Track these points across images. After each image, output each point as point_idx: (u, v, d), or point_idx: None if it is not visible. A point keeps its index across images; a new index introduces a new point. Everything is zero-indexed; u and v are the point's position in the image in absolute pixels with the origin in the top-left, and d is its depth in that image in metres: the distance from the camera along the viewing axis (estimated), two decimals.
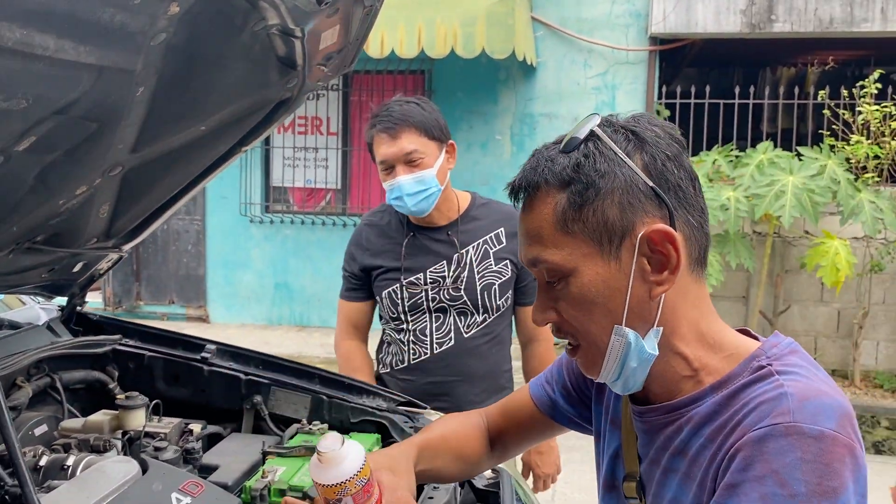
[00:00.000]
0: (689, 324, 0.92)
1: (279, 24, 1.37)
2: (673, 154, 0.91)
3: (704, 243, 0.93)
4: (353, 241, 2.25)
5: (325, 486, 0.96)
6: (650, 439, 0.97)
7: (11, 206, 1.37)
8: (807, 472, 0.78)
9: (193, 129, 1.53)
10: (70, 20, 1.00)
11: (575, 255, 0.89)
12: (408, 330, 2.16)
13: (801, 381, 0.85)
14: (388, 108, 2.06)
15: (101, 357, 1.87)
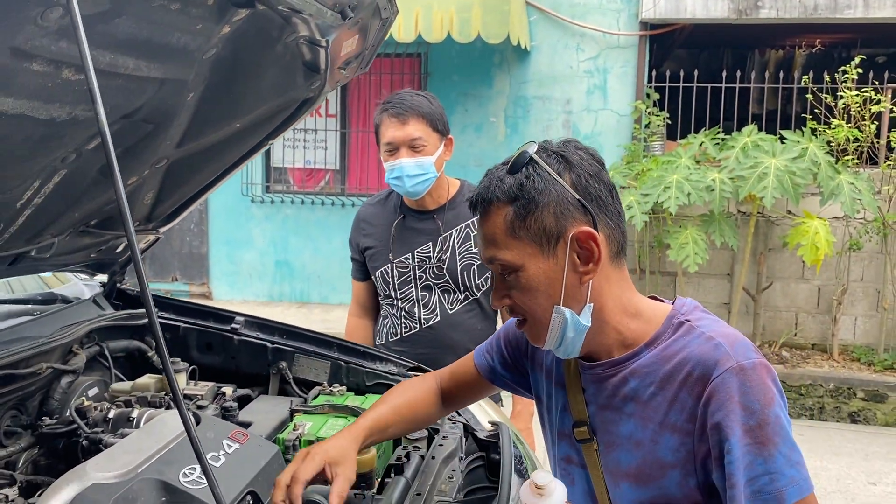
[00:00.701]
0: (613, 300, 1.19)
1: (308, 35, 1.57)
2: (594, 172, 1.16)
3: (621, 239, 1.19)
4: (352, 227, 2.48)
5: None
6: (598, 389, 1.23)
7: (77, 195, 1.57)
8: (756, 393, 1.09)
9: (230, 127, 1.74)
10: (147, 44, 1.20)
11: (522, 255, 1.15)
12: (398, 306, 2.38)
13: (717, 327, 1.16)
14: (400, 96, 2.27)
15: (141, 328, 2.08)
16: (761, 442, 1.08)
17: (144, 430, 1.44)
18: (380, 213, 2.42)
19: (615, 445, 1.21)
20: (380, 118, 2.28)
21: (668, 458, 1.15)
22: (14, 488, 1.39)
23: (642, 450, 1.17)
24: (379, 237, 2.39)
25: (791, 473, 1.08)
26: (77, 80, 1.15)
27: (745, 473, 1.08)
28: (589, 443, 1.25)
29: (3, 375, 1.59)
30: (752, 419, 1.08)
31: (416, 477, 1.47)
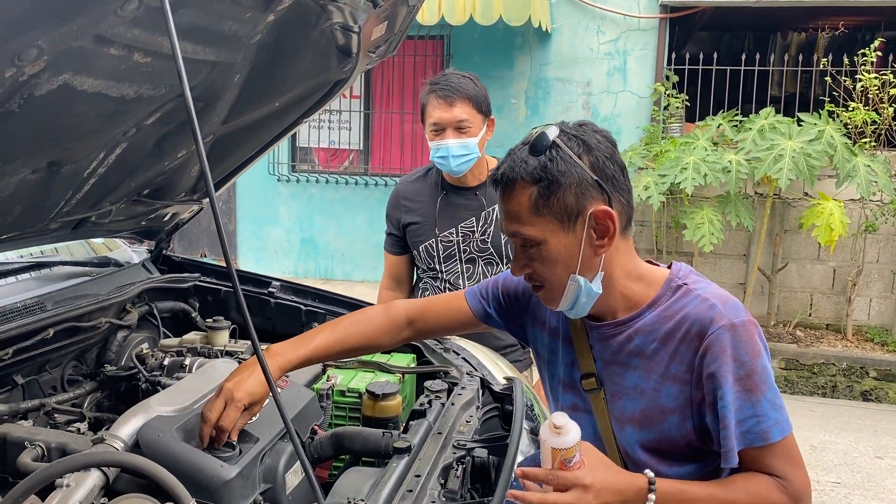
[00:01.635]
0: (620, 267, 1.33)
1: (342, 21, 1.73)
2: (609, 154, 1.29)
3: (630, 214, 1.33)
4: (390, 203, 2.57)
5: (565, 448, 1.18)
6: (604, 346, 1.38)
7: (134, 166, 1.75)
8: (745, 346, 1.25)
9: (269, 106, 1.90)
10: (203, 31, 1.37)
11: (544, 230, 1.27)
12: (443, 279, 2.48)
13: (710, 289, 1.32)
14: (447, 77, 2.37)
15: (185, 291, 2.27)
16: (749, 389, 1.24)
17: (197, 374, 1.63)
18: (421, 190, 2.51)
19: (621, 395, 1.37)
20: (426, 98, 2.37)
21: (669, 404, 1.31)
22: (84, 423, 1.58)
23: (646, 398, 1.33)
24: (422, 213, 2.47)
25: (775, 416, 1.25)
26: (144, 63, 1.32)
27: (735, 416, 1.24)
28: (596, 392, 1.40)
29: (69, 328, 1.78)
30: (742, 369, 1.24)
31: (437, 420, 1.63)
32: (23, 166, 1.39)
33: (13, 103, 1.18)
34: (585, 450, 1.24)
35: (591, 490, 1.19)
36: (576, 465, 1.20)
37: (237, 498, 1.31)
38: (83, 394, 1.77)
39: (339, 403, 1.84)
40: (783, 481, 1.25)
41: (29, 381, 1.74)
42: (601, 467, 1.24)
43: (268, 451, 1.43)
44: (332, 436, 1.61)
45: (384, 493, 1.31)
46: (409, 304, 1.66)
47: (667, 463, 1.33)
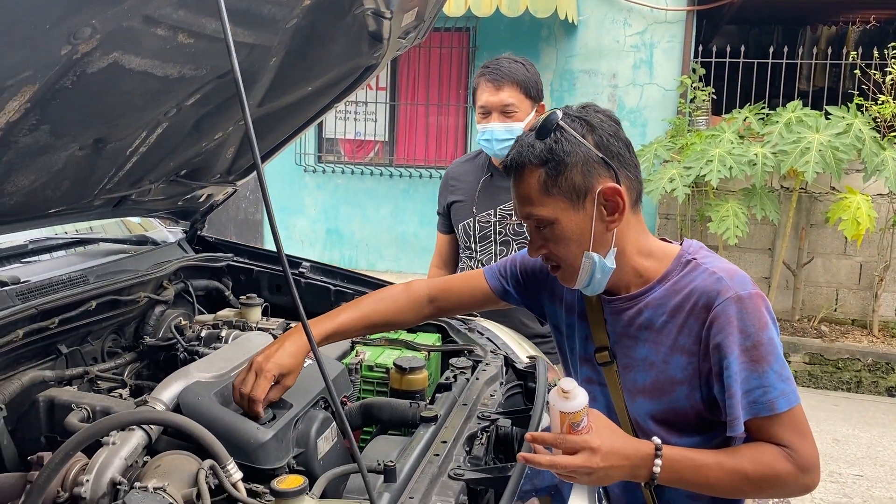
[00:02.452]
0: (632, 243, 1.37)
1: (374, 7, 1.78)
2: (613, 131, 1.33)
3: (639, 188, 1.37)
4: (442, 184, 2.65)
5: (572, 412, 1.22)
6: (616, 319, 1.42)
7: (173, 146, 1.82)
8: (752, 318, 1.28)
9: (302, 90, 1.96)
10: (245, 13, 1.43)
11: (555, 210, 1.32)
12: (476, 259, 2.53)
13: (719, 263, 1.35)
14: (499, 62, 2.42)
15: (219, 270, 2.34)
16: (756, 360, 1.27)
17: (233, 344, 1.70)
18: (468, 171, 2.57)
19: (632, 367, 1.41)
20: (477, 81, 2.43)
21: (678, 375, 1.35)
22: (125, 390, 1.66)
23: (655, 369, 1.38)
24: (465, 192, 2.53)
25: (781, 387, 1.28)
26: (188, 44, 1.38)
27: (741, 386, 1.27)
28: (609, 365, 1.45)
29: (110, 300, 1.86)
30: (748, 341, 1.27)
31: (462, 393, 1.69)
32: (72, 142, 1.46)
33: (67, 80, 1.24)
34: (594, 416, 1.27)
35: (599, 453, 1.23)
36: (584, 429, 1.24)
37: (272, 460, 1.38)
38: (124, 363, 1.85)
39: (367, 378, 1.90)
40: (790, 451, 1.28)
41: (72, 352, 1.82)
42: (609, 432, 1.27)
43: (301, 417, 1.49)
44: (361, 406, 1.67)
45: (412, 456, 1.36)
46: (429, 282, 1.71)
47: (676, 433, 1.37)
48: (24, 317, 1.58)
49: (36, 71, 1.17)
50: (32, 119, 1.29)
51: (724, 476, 1.28)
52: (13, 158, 1.36)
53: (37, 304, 1.61)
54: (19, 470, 1.46)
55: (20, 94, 1.20)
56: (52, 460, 1.25)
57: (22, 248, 1.88)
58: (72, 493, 1.26)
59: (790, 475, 1.28)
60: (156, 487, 1.17)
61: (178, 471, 1.24)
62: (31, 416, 1.53)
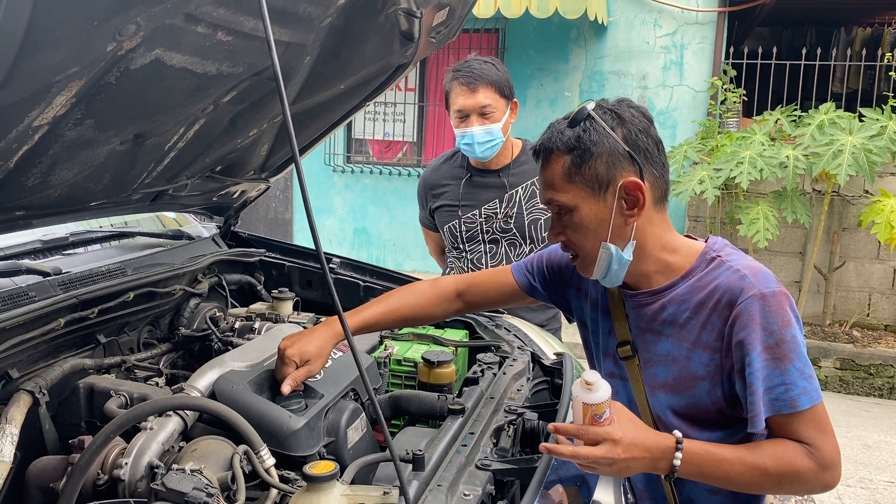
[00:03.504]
0: (654, 238, 1.38)
1: (406, 7, 1.81)
2: (643, 127, 1.35)
3: (664, 187, 1.38)
4: (419, 189, 2.69)
5: (596, 404, 1.24)
6: (639, 314, 1.44)
7: (210, 142, 1.86)
8: (775, 316, 1.29)
9: (335, 88, 2.00)
10: (281, 12, 1.47)
11: (576, 197, 1.34)
12: (466, 258, 2.58)
13: (743, 261, 1.36)
14: (469, 64, 2.45)
15: (251, 265, 2.39)
16: (778, 357, 1.28)
17: (266, 335, 1.74)
18: (447, 174, 2.60)
19: (653, 362, 1.43)
20: (450, 85, 2.45)
21: (700, 371, 1.36)
22: (162, 378, 1.71)
23: (678, 365, 1.39)
24: (448, 196, 2.57)
25: (803, 385, 1.29)
26: (227, 41, 1.42)
27: (763, 383, 1.28)
28: (631, 359, 1.46)
29: (147, 292, 1.91)
30: (771, 338, 1.28)
31: (490, 387, 1.71)
32: (114, 136, 1.50)
33: (111, 76, 1.29)
34: (616, 408, 1.29)
35: (620, 444, 1.24)
36: (606, 420, 1.26)
37: (303, 447, 1.41)
38: (159, 353, 1.89)
39: (396, 372, 1.93)
40: (811, 448, 1.28)
41: (110, 342, 1.87)
42: (630, 424, 1.28)
43: (331, 407, 1.53)
44: (390, 398, 1.70)
45: (440, 446, 1.39)
46: (457, 278, 1.75)
47: (697, 428, 1.38)
48: (65, 306, 1.63)
49: (82, 67, 1.21)
50: (78, 113, 1.34)
51: (743, 471, 1.29)
52: (59, 151, 1.41)
53: (77, 294, 1.66)
54: (60, 453, 1.51)
55: (67, 88, 1.25)
56: (93, 443, 1.29)
57: (63, 240, 1.94)
58: (111, 476, 1.31)
59: (810, 472, 1.28)
60: (192, 469, 1.20)
61: (213, 455, 1.27)
62: (72, 401, 1.58)
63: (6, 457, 1.37)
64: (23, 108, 1.22)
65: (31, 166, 1.40)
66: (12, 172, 1.38)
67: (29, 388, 1.49)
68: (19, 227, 1.63)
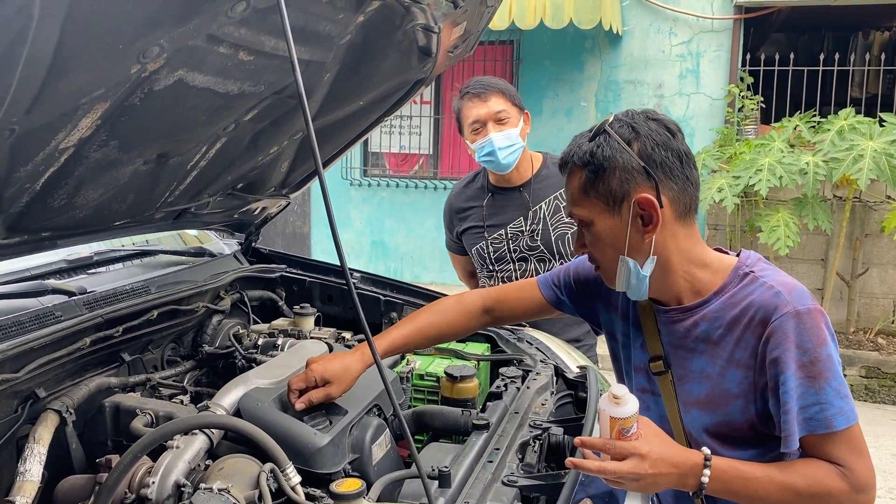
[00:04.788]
0: (679, 253, 1.35)
1: (424, 22, 1.82)
2: (662, 141, 1.32)
3: (688, 201, 1.34)
4: (445, 213, 2.67)
5: (623, 418, 1.23)
6: (671, 330, 1.41)
7: (231, 160, 1.88)
8: (810, 334, 1.26)
9: (354, 104, 2.01)
10: (301, 31, 1.48)
11: (592, 212, 1.34)
12: (497, 277, 2.54)
13: (777, 277, 1.33)
14: (475, 79, 2.46)
15: (272, 281, 2.40)
16: (813, 376, 1.25)
17: (289, 352, 1.74)
18: (470, 196, 2.58)
19: (687, 378, 1.40)
20: (460, 104, 2.45)
21: (734, 389, 1.33)
22: (186, 396, 1.71)
23: (711, 382, 1.36)
24: (473, 218, 2.54)
25: (839, 404, 1.25)
26: (248, 61, 1.43)
27: (797, 402, 1.25)
28: (664, 375, 1.44)
29: (170, 310, 1.92)
30: (806, 357, 1.25)
31: (514, 402, 1.70)
32: (138, 157, 1.52)
33: (135, 97, 1.30)
34: (643, 423, 1.27)
35: (648, 460, 1.23)
36: (633, 435, 1.24)
37: (328, 464, 1.41)
38: (183, 371, 1.90)
39: (418, 387, 1.93)
40: (845, 470, 1.25)
41: (134, 360, 1.88)
42: (658, 440, 1.27)
43: (356, 423, 1.52)
44: (414, 413, 1.70)
45: (466, 462, 1.38)
46: (483, 292, 1.74)
47: (729, 447, 1.35)
48: (91, 325, 1.65)
49: (108, 89, 1.23)
50: (103, 135, 1.35)
51: (773, 490, 1.26)
52: (84, 173, 1.42)
53: (103, 314, 1.68)
54: (87, 472, 1.52)
55: (92, 111, 1.26)
56: (121, 463, 1.30)
57: (87, 259, 1.96)
58: (138, 495, 1.31)
59: (843, 494, 1.25)
60: (220, 489, 1.20)
61: (240, 473, 1.28)
62: (98, 420, 1.59)
63: (35, 476, 1.38)
64: (49, 132, 1.24)
65: (57, 188, 1.42)
66: (39, 194, 1.40)
67: (56, 407, 1.51)
68: (45, 248, 1.65)
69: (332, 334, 2.16)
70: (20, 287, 1.69)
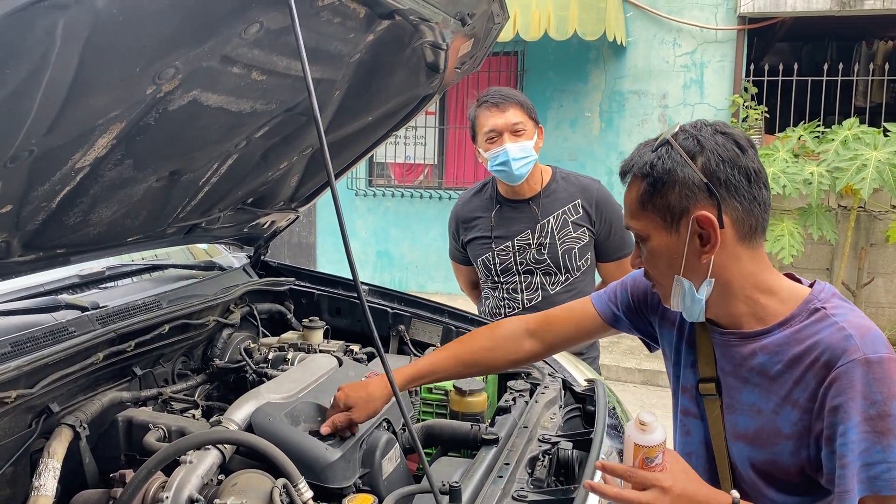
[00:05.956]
0: (742, 277, 1.26)
1: (433, 40, 1.84)
2: (729, 157, 1.22)
3: (754, 223, 1.24)
4: (451, 222, 2.67)
5: (648, 446, 1.18)
6: (725, 354, 1.32)
7: (242, 176, 1.90)
8: (880, 385, 1.15)
9: (363, 120, 2.03)
10: (313, 51, 1.50)
11: (648, 227, 1.26)
12: (501, 288, 2.54)
13: (851, 318, 1.21)
14: (494, 89, 2.47)
15: (281, 294, 2.42)
16: (881, 431, 1.13)
17: (300, 367, 1.75)
18: (478, 206, 2.58)
19: (735, 409, 1.31)
20: (476, 112, 2.45)
21: (786, 429, 1.24)
22: (198, 410, 1.73)
23: (763, 418, 1.27)
24: (480, 229, 2.54)
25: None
26: (260, 81, 1.45)
27: (860, 458, 1.14)
28: (713, 399, 1.34)
29: (181, 324, 1.94)
30: (873, 409, 1.14)
31: (522, 416, 1.71)
32: (152, 174, 1.54)
33: (150, 117, 1.33)
34: (671, 457, 1.22)
35: (669, 494, 1.17)
36: (657, 466, 1.19)
37: (339, 479, 1.42)
38: (194, 385, 1.92)
39: (427, 400, 1.94)
40: None
41: (145, 374, 1.90)
42: (684, 476, 1.21)
43: (366, 438, 1.54)
44: (423, 427, 1.71)
45: (476, 477, 1.39)
46: (523, 317, 1.64)
47: (774, 488, 1.28)
48: (104, 340, 1.67)
49: (124, 110, 1.25)
50: (118, 154, 1.37)
51: None
52: (99, 191, 1.44)
53: (116, 329, 1.69)
54: (99, 486, 1.53)
55: (109, 131, 1.28)
56: (136, 477, 1.32)
57: (100, 274, 1.98)
58: None
59: None
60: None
61: (254, 489, 1.29)
62: (111, 435, 1.61)
63: (49, 490, 1.40)
64: (67, 152, 1.26)
65: (72, 206, 1.44)
66: (55, 212, 1.42)
67: (70, 422, 1.52)
68: (59, 265, 1.67)
69: (341, 347, 2.17)
70: (34, 303, 1.70)
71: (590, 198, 2.49)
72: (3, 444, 1.47)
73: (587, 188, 2.51)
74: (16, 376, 1.43)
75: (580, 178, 2.57)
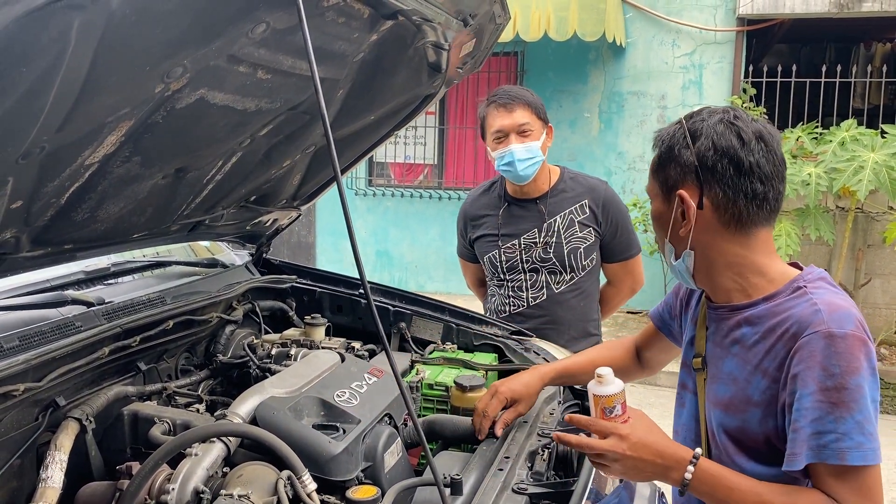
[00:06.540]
0: (725, 257, 1.36)
1: (435, 40, 1.87)
2: (721, 146, 1.31)
3: (739, 213, 1.32)
4: (459, 219, 2.71)
5: (605, 396, 1.30)
6: (717, 328, 1.43)
7: (246, 174, 1.92)
8: (840, 358, 1.21)
9: (365, 119, 2.05)
10: (317, 50, 1.51)
11: (653, 191, 1.43)
12: (507, 286, 2.58)
13: (826, 297, 1.28)
14: (504, 89, 2.50)
15: (283, 291, 2.44)
16: (835, 403, 1.19)
17: (303, 362, 1.78)
18: (486, 204, 2.61)
19: (716, 378, 1.40)
20: (485, 111, 2.48)
21: (756, 397, 1.31)
22: (202, 405, 1.75)
23: (737, 386, 1.35)
24: (487, 226, 2.58)
25: (860, 439, 1.18)
26: (266, 79, 1.48)
27: (812, 425, 1.20)
28: (701, 372, 1.45)
29: (185, 320, 1.96)
30: (830, 381, 1.20)
31: None
32: (158, 171, 1.56)
33: (158, 115, 1.35)
34: (636, 414, 1.33)
35: (627, 441, 1.28)
36: (616, 416, 1.31)
37: (342, 472, 1.44)
38: (198, 380, 1.94)
39: (428, 396, 1.96)
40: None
41: (150, 369, 1.92)
42: (645, 428, 1.31)
43: (368, 432, 1.56)
44: (424, 422, 1.73)
45: (476, 470, 1.42)
46: (634, 336, 1.83)
47: (745, 455, 1.34)
48: (109, 335, 1.69)
49: (133, 108, 1.27)
50: (126, 151, 1.40)
51: None
52: (107, 188, 1.47)
53: (121, 324, 1.71)
54: (105, 478, 1.56)
55: (117, 129, 1.31)
56: (142, 469, 1.34)
57: (105, 270, 2.00)
58: (158, 501, 1.34)
59: None
60: (240, 495, 1.24)
61: (258, 480, 1.31)
62: (117, 428, 1.63)
63: (56, 483, 1.42)
64: (76, 149, 1.28)
65: (81, 202, 1.46)
66: (63, 208, 1.44)
67: (76, 415, 1.54)
68: (65, 260, 1.69)
69: (343, 344, 2.20)
70: (41, 298, 1.73)
71: (597, 198, 2.52)
72: (10, 437, 1.50)
73: (594, 188, 2.55)
74: (24, 370, 1.45)
75: (588, 179, 2.61)
